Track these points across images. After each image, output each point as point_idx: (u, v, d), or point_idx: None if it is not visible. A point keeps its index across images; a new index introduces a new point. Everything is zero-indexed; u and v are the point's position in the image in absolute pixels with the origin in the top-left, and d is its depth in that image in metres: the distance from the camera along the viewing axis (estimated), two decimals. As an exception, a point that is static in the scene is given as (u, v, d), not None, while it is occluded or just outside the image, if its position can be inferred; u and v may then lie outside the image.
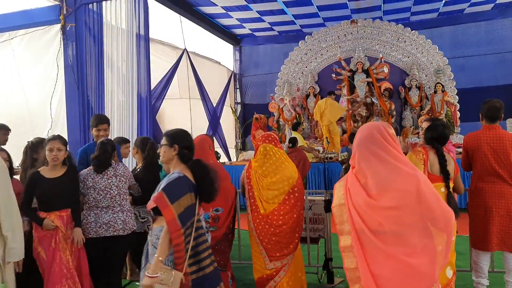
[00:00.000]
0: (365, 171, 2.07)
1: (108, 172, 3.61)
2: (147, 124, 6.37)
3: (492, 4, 10.33)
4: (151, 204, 2.45)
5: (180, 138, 2.66)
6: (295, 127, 8.93)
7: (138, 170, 4.37)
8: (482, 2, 10.08)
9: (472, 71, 10.85)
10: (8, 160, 3.62)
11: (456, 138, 9.27)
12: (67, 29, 6.37)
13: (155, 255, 2.39)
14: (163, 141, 2.66)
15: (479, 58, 10.88)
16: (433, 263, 1.94)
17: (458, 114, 10.24)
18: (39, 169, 3.48)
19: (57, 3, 6.42)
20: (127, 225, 3.60)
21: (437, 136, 3.21)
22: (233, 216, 3.70)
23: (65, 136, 6.26)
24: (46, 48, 6.57)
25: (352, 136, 7.91)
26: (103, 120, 4.36)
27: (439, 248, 1.96)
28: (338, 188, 2.24)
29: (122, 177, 3.65)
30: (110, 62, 6.48)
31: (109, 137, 4.14)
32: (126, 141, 4.79)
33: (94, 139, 4.27)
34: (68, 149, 3.60)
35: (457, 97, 10.31)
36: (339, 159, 7.56)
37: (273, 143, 3.56)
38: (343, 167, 7.08)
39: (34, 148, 3.89)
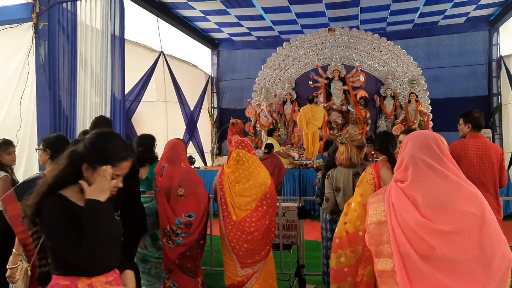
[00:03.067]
0: (418, 187, 1.78)
1: None
2: (120, 126, 6.25)
3: (465, 18, 10.66)
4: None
5: (52, 143, 2.87)
6: (270, 133, 8.94)
7: None
8: (455, 15, 10.39)
9: (444, 82, 11.16)
10: None
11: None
12: (40, 27, 6.21)
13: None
14: (40, 146, 2.93)
15: (451, 70, 11.19)
16: None
17: (431, 123, 10.45)
18: None
19: (30, 1, 6.26)
20: None
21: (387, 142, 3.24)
22: (206, 222, 3.65)
23: (35, 137, 6.15)
24: (17, 46, 6.38)
25: (327, 143, 7.97)
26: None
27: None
28: (375, 203, 1.97)
29: None
30: (83, 62, 6.33)
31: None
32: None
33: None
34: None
35: (430, 107, 10.55)
36: (314, 166, 7.60)
37: (246, 149, 3.53)
38: (318, 174, 7.13)
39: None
